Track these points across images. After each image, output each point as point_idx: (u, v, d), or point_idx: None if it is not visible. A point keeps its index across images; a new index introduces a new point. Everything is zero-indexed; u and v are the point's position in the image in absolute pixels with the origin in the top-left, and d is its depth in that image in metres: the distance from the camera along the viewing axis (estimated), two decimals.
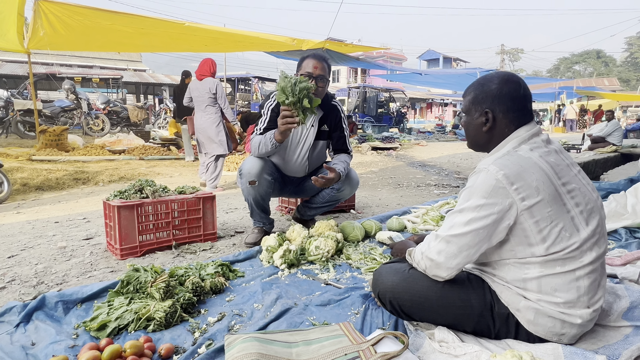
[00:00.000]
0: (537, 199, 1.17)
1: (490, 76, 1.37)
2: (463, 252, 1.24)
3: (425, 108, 36.26)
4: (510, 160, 1.22)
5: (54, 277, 2.09)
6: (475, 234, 1.21)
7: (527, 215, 1.18)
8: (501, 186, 1.18)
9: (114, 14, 5.39)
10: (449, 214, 1.30)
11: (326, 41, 7.18)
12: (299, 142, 2.64)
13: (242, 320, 1.58)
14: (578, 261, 1.19)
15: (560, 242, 1.18)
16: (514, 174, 1.19)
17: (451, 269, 1.27)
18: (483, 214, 1.20)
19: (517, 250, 1.23)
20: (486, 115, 1.33)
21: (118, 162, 7.20)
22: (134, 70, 23.42)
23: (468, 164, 8.07)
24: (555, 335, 1.24)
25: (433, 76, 15.00)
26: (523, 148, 1.27)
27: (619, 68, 57.44)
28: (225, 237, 2.85)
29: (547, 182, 1.19)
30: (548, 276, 1.20)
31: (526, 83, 1.38)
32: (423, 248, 1.34)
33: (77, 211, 3.94)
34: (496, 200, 1.19)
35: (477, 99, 1.35)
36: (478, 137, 1.38)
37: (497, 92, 1.32)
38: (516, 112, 1.31)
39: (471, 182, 1.26)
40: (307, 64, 2.45)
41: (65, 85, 11.06)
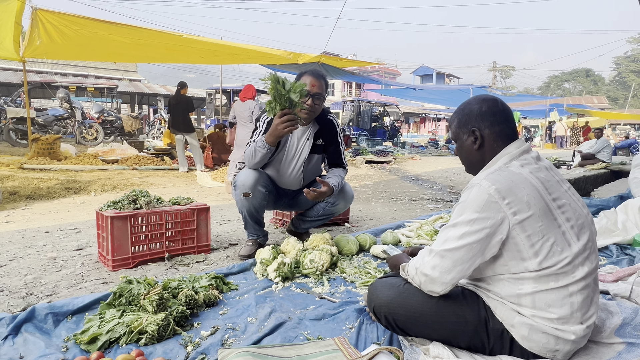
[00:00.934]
0: (528, 213, 1.19)
1: (468, 101, 1.45)
2: (457, 266, 1.25)
3: (419, 122, 36.65)
4: (502, 176, 1.25)
5: (43, 288, 2.05)
6: (469, 248, 1.22)
7: (519, 229, 1.19)
8: (493, 200, 1.21)
9: (111, 24, 5.42)
10: (443, 229, 1.31)
11: (322, 55, 7.27)
12: (294, 156, 2.65)
13: (236, 334, 1.56)
14: (570, 276, 1.21)
15: (552, 257, 1.20)
16: (505, 189, 1.21)
17: (446, 283, 1.28)
18: (476, 228, 1.21)
19: (510, 265, 1.24)
20: (474, 133, 1.38)
21: (111, 172, 7.14)
22: (129, 80, 23.45)
23: (461, 179, 8.14)
24: (549, 352, 1.24)
25: (427, 91, 15.20)
26: (514, 164, 1.30)
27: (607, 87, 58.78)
28: (219, 249, 2.83)
29: (537, 197, 1.22)
30: (542, 292, 1.21)
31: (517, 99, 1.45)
32: (417, 263, 1.34)
33: (69, 221, 3.89)
34: (488, 214, 1.21)
35: (462, 122, 1.42)
36: (471, 158, 1.42)
37: (478, 110, 1.38)
38: (501, 125, 1.36)
39: (464, 197, 1.28)
40: (304, 81, 2.47)
41: (60, 94, 11.03)
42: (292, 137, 2.64)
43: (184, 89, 7.53)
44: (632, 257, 2.43)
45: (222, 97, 16.71)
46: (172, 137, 10.21)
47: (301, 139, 2.64)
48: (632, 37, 52.85)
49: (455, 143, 1.47)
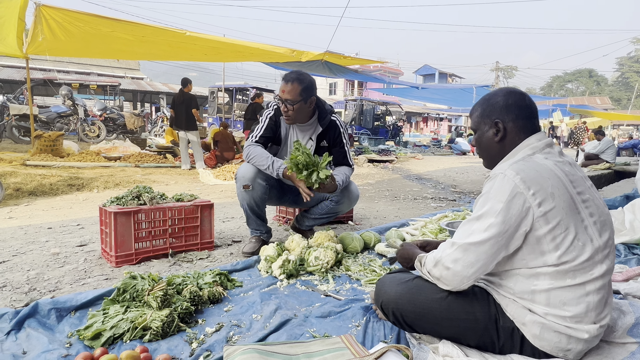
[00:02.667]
0: (552, 204, 1.16)
1: (494, 91, 1.42)
2: (481, 260, 1.21)
3: (421, 122, 36.57)
4: (527, 165, 1.22)
5: (46, 284, 2.04)
6: (495, 241, 1.19)
7: (543, 221, 1.16)
8: (519, 191, 1.17)
9: (115, 21, 5.40)
10: (465, 222, 1.27)
11: (325, 53, 7.24)
12: None
13: (241, 331, 1.54)
14: (588, 274, 1.18)
15: (572, 251, 1.17)
16: (530, 179, 1.18)
17: (467, 278, 1.24)
18: (501, 219, 1.18)
19: (528, 259, 1.21)
20: (496, 125, 1.35)
21: (113, 169, 7.14)
22: (132, 78, 23.46)
23: (464, 178, 8.11)
24: (561, 351, 1.22)
25: (429, 91, 15.14)
26: (538, 156, 1.27)
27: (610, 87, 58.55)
28: (222, 246, 2.82)
29: (562, 189, 1.19)
30: (558, 289, 1.19)
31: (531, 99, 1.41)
32: (437, 255, 1.30)
33: (71, 217, 3.88)
34: (514, 205, 1.17)
35: (485, 112, 1.39)
36: (491, 150, 1.39)
37: (504, 102, 1.35)
38: (525, 120, 1.34)
39: (487, 188, 1.24)
40: (281, 87, 2.46)
41: (63, 91, 11.03)
42: (294, 137, 2.62)
43: (187, 86, 7.49)
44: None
45: (224, 95, 16.71)
46: (174, 134, 10.21)
47: (304, 140, 2.62)
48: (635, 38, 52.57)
49: (475, 133, 1.44)
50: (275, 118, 2.59)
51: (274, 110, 2.59)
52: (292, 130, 2.64)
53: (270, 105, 2.64)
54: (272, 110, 2.60)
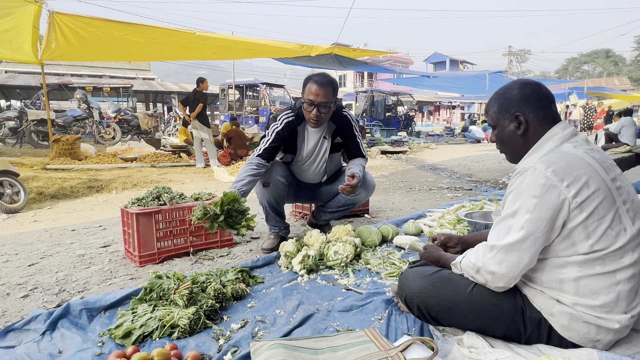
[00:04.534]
0: (587, 193, 1.14)
1: (508, 85, 1.39)
2: (525, 258, 1.19)
3: (433, 111, 36.13)
4: (557, 157, 1.20)
5: (75, 285, 2.10)
6: (534, 237, 1.17)
7: (577, 211, 1.15)
8: (552, 184, 1.15)
9: (125, 25, 5.46)
10: (499, 221, 1.24)
11: (334, 47, 7.19)
12: (314, 156, 2.65)
13: (266, 326, 1.57)
14: (619, 261, 1.16)
15: (604, 240, 1.15)
16: (562, 170, 1.16)
17: (515, 277, 1.22)
18: (537, 214, 1.16)
19: (558, 249, 1.20)
20: (517, 119, 1.32)
21: (130, 170, 7.26)
22: (143, 79, 23.74)
23: (479, 167, 8.01)
24: (590, 342, 1.21)
25: (441, 79, 14.90)
26: (566, 146, 1.25)
27: (628, 67, 56.69)
28: (242, 243, 2.85)
29: (596, 177, 1.17)
30: (587, 277, 1.17)
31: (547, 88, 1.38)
32: (477, 262, 1.26)
33: (93, 219, 3.98)
34: (548, 198, 1.15)
35: (503, 107, 1.36)
36: (515, 145, 1.36)
37: (521, 95, 1.33)
38: (545, 110, 1.31)
39: (517, 184, 1.22)
40: (309, 89, 2.39)
41: (77, 95, 11.24)
42: (308, 139, 2.61)
43: (201, 84, 7.54)
44: None
45: (234, 92, 16.78)
46: (187, 133, 10.32)
47: (318, 140, 2.62)
48: None
49: (494, 129, 1.41)
50: (283, 132, 2.51)
51: (283, 124, 2.51)
52: (306, 133, 2.63)
53: (280, 119, 2.55)
54: (280, 125, 2.51)
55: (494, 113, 1.39)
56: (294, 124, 2.55)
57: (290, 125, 2.53)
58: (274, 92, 17.17)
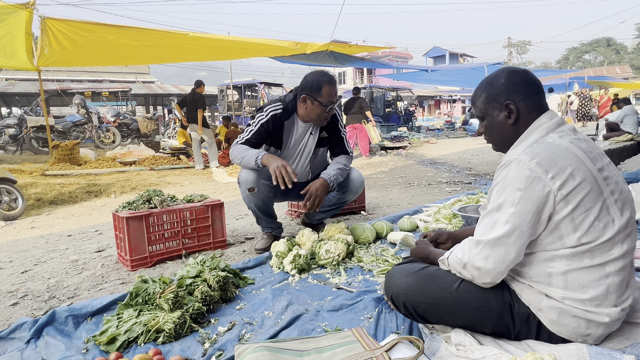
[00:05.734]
0: (573, 185, 1.11)
1: (494, 74, 1.35)
2: (511, 252, 1.16)
3: (434, 105, 35.98)
4: (541, 148, 1.16)
5: (65, 291, 2.09)
6: (520, 231, 1.14)
7: (563, 203, 1.11)
8: (536, 176, 1.12)
9: (118, 28, 5.45)
10: (485, 215, 1.21)
11: (330, 43, 7.16)
12: (299, 152, 2.63)
13: (253, 328, 1.55)
14: (608, 254, 1.13)
15: (592, 232, 1.12)
16: (547, 161, 1.13)
17: (502, 272, 1.19)
18: (522, 208, 1.13)
19: (546, 243, 1.16)
20: (507, 107, 1.29)
21: (129, 174, 7.27)
22: (143, 82, 23.80)
23: (479, 160, 7.95)
24: (580, 336, 1.18)
25: (440, 73, 14.83)
26: (552, 136, 1.21)
27: (630, 55, 56.12)
28: (236, 244, 2.83)
29: (582, 168, 1.13)
30: (576, 270, 1.14)
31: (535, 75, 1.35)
32: (464, 257, 1.23)
33: (90, 224, 3.97)
34: (532, 191, 1.12)
35: (492, 96, 1.31)
36: (505, 134, 1.32)
37: (509, 82, 1.29)
38: (534, 97, 1.28)
39: (502, 176, 1.19)
40: (328, 92, 2.40)
41: (76, 100, 11.27)
42: (294, 133, 2.59)
43: (200, 87, 7.58)
44: None
45: (233, 92, 16.77)
46: (186, 135, 10.32)
47: (305, 135, 2.60)
48: None
49: (483, 120, 1.36)
50: (267, 125, 2.48)
51: (269, 116, 2.48)
52: (294, 128, 2.60)
53: (266, 110, 2.51)
54: (265, 117, 2.48)
55: (481, 103, 1.35)
56: (281, 117, 2.52)
57: (276, 118, 2.50)
58: (273, 91, 17.15)
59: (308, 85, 2.41)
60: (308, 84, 2.42)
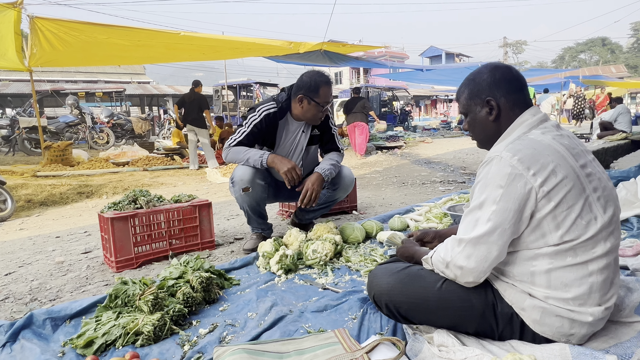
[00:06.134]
0: (555, 182, 1.09)
1: (478, 70, 1.33)
2: (493, 251, 1.13)
3: (430, 105, 36.02)
4: (523, 144, 1.14)
5: (47, 293, 2.05)
6: (502, 229, 1.11)
7: (545, 201, 1.09)
8: (518, 172, 1.10)
9: (109, 27, 5.39)
10: (467, 213, 1.19)
11: (323, 43, 7.12)
12: (291, 150, 2.61)
13: (235, 330, 1.52)
14: (591, 252, 1.11)
15: (575, 230, 1.10)
16: (528, 158, 1.10)
17: (484, 271, 1.16)
18: (503, 205, 1.11)
19: (528, 241, 1.14)
20: (489, 103, 1.27)
21: (122, 174, 7.22)
22: (138, 83, 23.69)
23: (474, 159, 7.95)
24: (563, 336, 1.16)
25: (435, 72, 14.83)
26: (534, 132, 1.19)
27: (625, 55, 56.40)
28: (224, 244, 2.80)
29: (564, 164, 1.11)
30: (558, 269, 1.12)
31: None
32: (446, 257, 1.21)
33: (80, 225, 3.93)
34: (514, 188, 1.10)
35: (474, 92, 1.30)
36: (487, 131, 1.30)
37: (491, 78, 1.27)
38: (516, 93, 1.26)
39: (484, 174, 1.17)
40: (325, 92, 2.41)
41: (69, 101, 11.19)
42: (287, 132, 2.58)
43: (198, 87, 7.63)
44: None
45: (228, 93, 16.71)
46: (180, 136, 10.27)
47: (297, 133, 2.58)
48: None
49: (467, 117, 1.35)
50: (260, 125, 2.46)
51: (262, 116, 2.46)
52: (287, 127, 2.58)
53: (259, 110, 2.49)
54: (258, 117, 2.46)
55: (464, 99, 1.33)
56: (275, 117, 2.50)
57: (269, 118, 2.48)
58: (268, 91, 17.10)
59: (305, 85, 2.40)
60: (305, 85, 2.40)
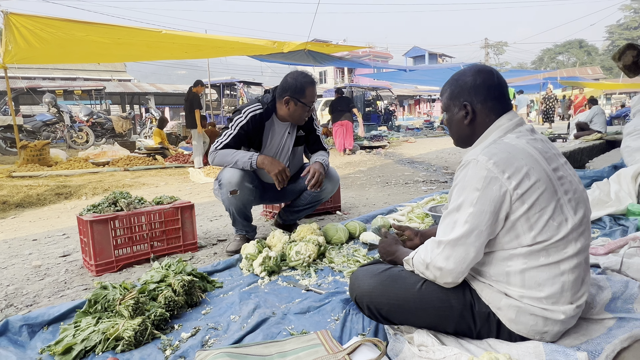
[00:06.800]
0: (528, 185, 1.13)
1: (463, 70, 1.37)
2: (471, 252, 1.17)
3: (414, 105, 36.40)
4: (498, 148, 1.18)
5: (24, 299, 2.00)
6: (478, 231, 1.15)
7: (519, 203, 1.13)
8: (493, 176, 1.14)
9: (87, 25, 5.26)
10: (446, 215, 1.22)
11: (307, 43, 7.12)
12: (278, 151, 2.62)
13: (218, 333, 1.52)
14: (562, 252, 1.15)
15: (547, 231, 1.14)
16: (503, 161, 1.14)
17: (463, 272, 1.20)
18: (480, 208, 1.14)
19: (503, 242, 1.18)
20: (465, 108, 1.31)
21: (102, 175, 7.07)
22: (119, 81, 23.19)
23: (456, 159, 8.08)
24: (537, 334, 1.20)
25: (418, 72, 15.01)
26: (509, 137, 1.24)
27: (601, 57, 58.16)
28: (207, 246, 2.78)
29: (537, 168, 1.15)
30: (532, 269, 1.16)
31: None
32: (426, 258, 1.24)
33: (58, 227, 3.84)
34: (490, 191, 1.14)
35: (454, 94, 1.34)
36: (461, 132, 1.36)
37: (472, 83, 1.31)
38: (494, 101, 1.29)
39: (461, 176, 1.20)
40: (311, 93, 2.44)
41: (46, 99, 10.88)
42: (274, 134, 2.59)
43: (197, 87, 7.68)
44: (626, 228, 2.39)
45: (211, 91, 16.54)
46: (162, 135, 10.12)
47: (283, 134, 2.60)
48: (624, 5, 52.16)
49: (446, 114, 1.39)
50: (247, 127, 2.46)
51: (248, 118, 2.46)
52: (273, 128, 2.59)
53: (245, 112, 2.48)
54: (244, 119, 2.46)
55: (445, 98, 1.38)
56: (261, 118, 2.50)
57: (255, 119, 2.48)
58: (252, 90, 17.00)
59: (291, 87, 2.41)
60: (291, 86, 2.41)
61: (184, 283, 1.71)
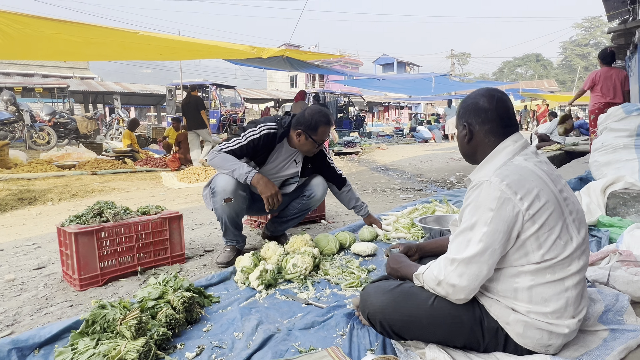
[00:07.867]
0: (539, 205, 1.20)
1: (473, 93, 1.45)
2: (484, 270, 1.22)
3: (383, 111, 37.10)
4: (510, 170, 1.25)
5: (3, 318, 1.87)
6: (492, 250, 1.20)
7: (530, 223, 1.19)
8: (506, 197, 1.19)
9: (59, 22, 5.00)
10: (459, 233, 1.27)
11: (286, 49, 7.12)
12: (276, 173, 2.63)
13: (224, 352, 1.49)
14: (567, 269, 1.23)
15: (554, 249, 1.21)
16: (515, 183, 1.21)
17: (474, 289, 1.25)
18: (494, 227, 1.20)
19: (512, 259, 1.24)
20: (465, 128, 1.40)
21: (68, 178, 6.72)
22: (81, 79, 22.17)
23: (428, 166, 8.30)
24: (542, 347, 1.26)
25: (390, 81, 15.33)
26: (517, 159, 1.30)
27: (555, 70, 61.80)
28: (194, 257, 2.71)
29: (546, 189, 1.22)
30: (539, 285, 1.22)
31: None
32: (439, 275, 1.27)
33: (25, 236, 3.61)
34: (503, 211, 1.19)
35: (460, 114, 1.44)
36: (463, 150, 1.45)
37: (473, 106, 1.39)
38: (491, 123, 1.36)
39: (474, 197, 1.25)
40: (323, 132, 2.49)
41: (4, 97, 10.23)
42: (279, 156, 2.60)
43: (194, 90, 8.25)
44: (599, 239, 2.54)
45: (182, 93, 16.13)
46: (132, 137, 9.77)
47: (288, 160, 2.62)
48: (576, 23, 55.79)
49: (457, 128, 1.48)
50: (258, 142, 2.47)
51: (261, 135, 2.47)
52: (282, 150, 2.60)
53: (260, 128, 2.49)
54: (257, 134, 2.47)
55: (457, 116, 1.47)
56: (274, 138, 2.52)
57: (268, 138, 2.50)
58: (225, 93, 16.74)
59: (306, 122, 2.47)
60: (306, 121, 2.46)
61: (184, 300, 1.66)
